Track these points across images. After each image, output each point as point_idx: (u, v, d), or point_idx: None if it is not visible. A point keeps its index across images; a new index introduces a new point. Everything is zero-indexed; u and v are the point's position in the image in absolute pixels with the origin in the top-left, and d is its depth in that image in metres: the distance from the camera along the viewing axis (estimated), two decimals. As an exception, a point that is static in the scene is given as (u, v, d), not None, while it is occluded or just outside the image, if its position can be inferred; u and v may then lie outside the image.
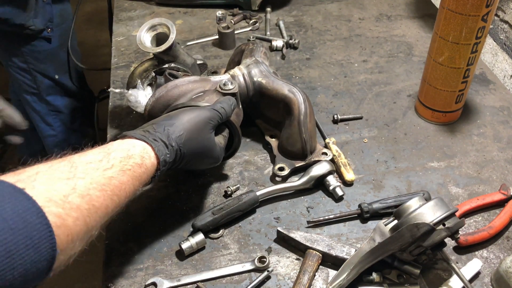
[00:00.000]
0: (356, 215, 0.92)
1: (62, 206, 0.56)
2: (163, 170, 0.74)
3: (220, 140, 0.89)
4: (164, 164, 0.74)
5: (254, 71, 1.03)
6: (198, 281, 0.83)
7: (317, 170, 0.96)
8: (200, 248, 0.87)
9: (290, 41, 1.35)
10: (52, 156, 0.62)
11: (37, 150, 2.18)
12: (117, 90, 1.07)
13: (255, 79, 1.02)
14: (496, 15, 1.31)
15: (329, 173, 0.96)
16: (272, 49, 1.35)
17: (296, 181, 0.96)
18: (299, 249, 0.87)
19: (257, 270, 0.84)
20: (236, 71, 1.03)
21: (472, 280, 0.82)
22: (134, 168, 0.68)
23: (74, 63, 1.76)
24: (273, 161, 1.02)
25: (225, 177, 1.01)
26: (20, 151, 2.25)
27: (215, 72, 1.22)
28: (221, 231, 0.90)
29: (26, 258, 0.50)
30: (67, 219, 0.56)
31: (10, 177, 0.55)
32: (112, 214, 0.66)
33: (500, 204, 0.93)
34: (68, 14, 1.76)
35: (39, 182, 0.55)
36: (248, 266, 0.85)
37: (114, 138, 0.73)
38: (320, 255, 0.84)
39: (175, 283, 0.82)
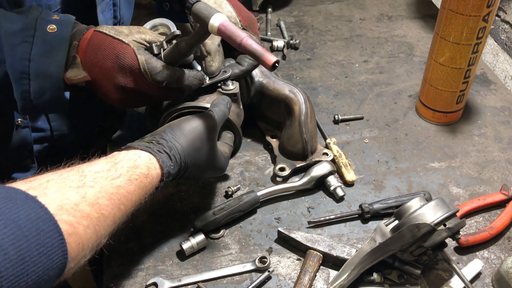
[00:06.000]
0: (357, 216, 0.92)
1: (73, 215, 0.56)
2: (167, 181, 0.75)
3: (225, 149, 0.88)
4: (168, 176, 0.74)
5: (255, 71, 1.02)
6: (199, 281, 0.83)
7: (318, 170, 0.96)
8: (201, 248, 0.87)
9: (291, 42, 1.35)
10: (61, 165, 0.63)
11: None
12: None
13: (256, 79, 1.02)
14: (497, 15, 1.31)
15: (330, 173, 0.96)
16: (273, 49, 1.35)
17: (297, 182, 0.96)
18: (300, 250, 0.87)
19: (258, 270, 0.84)
20: (237, 71, 1.03)
21: (473, 280, 0.82)
22: (141, 178, 0.69)
23: None
24: (274, 161, 1.02)
25: (225, 177, 1.01)
26: None
27: (216, 72, 1.21)
28: (222, 231, 0.91)
29: (39, 265, 0.50)
30: (78, 227, 0.56)
31: (22, 185, 0.55)
32: (119, 223, 0.67)
33: (501, 204, 0.93)
34: None
35: (50, 190, 0.56)
36: (249, 267, 0.85)
37: (119, 149, 0.73)
38: (321, 255, 0.84)
39: (176, 283, 0.82)
